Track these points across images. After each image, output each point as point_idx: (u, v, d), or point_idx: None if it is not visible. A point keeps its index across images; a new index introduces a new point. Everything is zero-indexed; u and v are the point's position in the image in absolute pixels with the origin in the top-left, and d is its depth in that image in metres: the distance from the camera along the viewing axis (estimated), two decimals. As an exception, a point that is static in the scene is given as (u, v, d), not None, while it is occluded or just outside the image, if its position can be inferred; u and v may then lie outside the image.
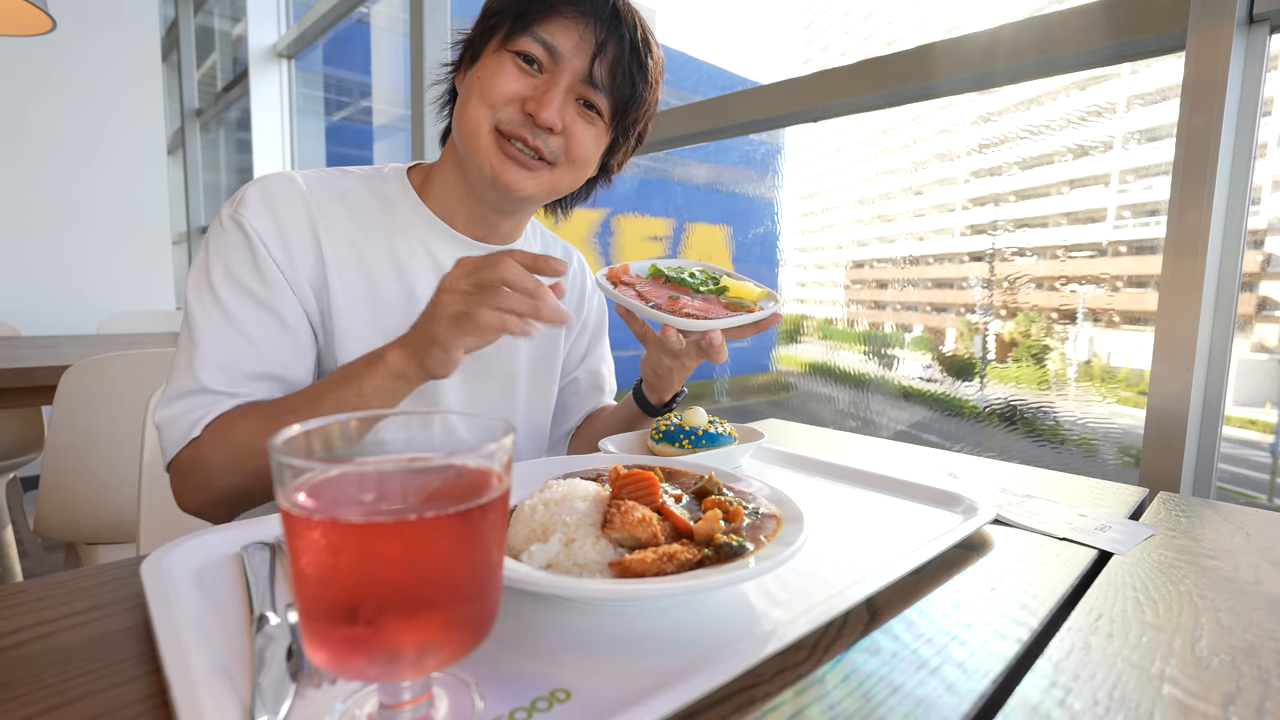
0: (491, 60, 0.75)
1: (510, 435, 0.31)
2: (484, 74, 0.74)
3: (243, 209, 0.73)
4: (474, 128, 0.75)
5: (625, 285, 0.82)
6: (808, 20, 1.98)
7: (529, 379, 0.94)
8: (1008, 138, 1.28)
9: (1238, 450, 0.97)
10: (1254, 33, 0.84)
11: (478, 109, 0.75)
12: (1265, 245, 1.00)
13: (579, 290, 1.03)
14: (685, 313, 0.76)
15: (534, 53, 0.73)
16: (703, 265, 0.89)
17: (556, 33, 0.73)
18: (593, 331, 1.06)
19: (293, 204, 0.75)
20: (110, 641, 0.40)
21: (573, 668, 0.37)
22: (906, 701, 0.35)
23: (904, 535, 0.58)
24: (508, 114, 0.74)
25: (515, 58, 0.74)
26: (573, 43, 0.73)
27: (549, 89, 0.74)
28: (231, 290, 0.72)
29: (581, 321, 1.04)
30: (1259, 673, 0.39)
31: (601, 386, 1.08)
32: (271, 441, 0.28)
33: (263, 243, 0.73)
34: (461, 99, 0.78)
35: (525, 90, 0.74)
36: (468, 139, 0.76)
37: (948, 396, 1.43)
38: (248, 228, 0.72)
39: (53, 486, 1.39)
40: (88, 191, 3.20)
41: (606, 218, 2.20)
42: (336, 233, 0.77)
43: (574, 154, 0.78)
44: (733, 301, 0.81)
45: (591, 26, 0.73)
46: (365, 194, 0.81)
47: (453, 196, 0.84)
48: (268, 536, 0.53)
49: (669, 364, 0.83)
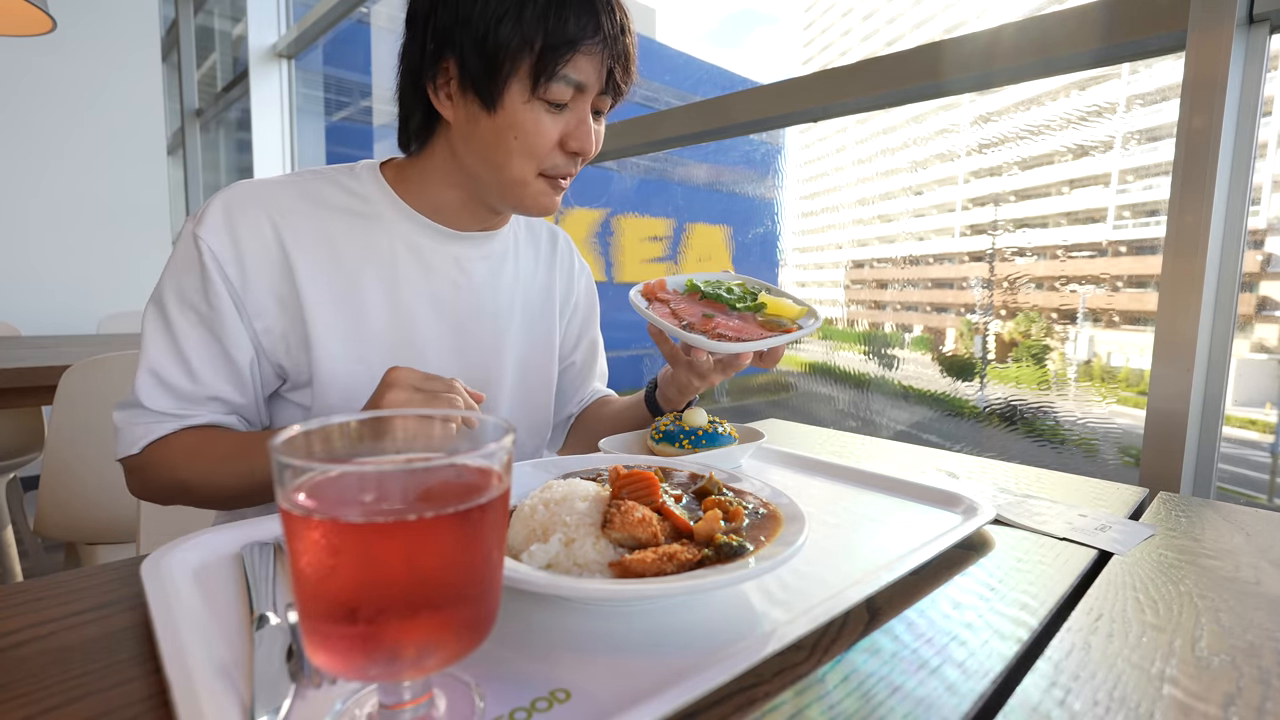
0: (522, 113, 0.72)
1: (510, 435, 0.31)
2: (523, 133, 0.73)
3: (200, 227, 0.72)
4: (523, 181, 0.76)
5: (660, 302, 0.81)
6: (808, 20, 1.98)
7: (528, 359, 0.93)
8: (1008, 138, 1.28)
9: (1238, 450, 0.97)
10: (1254, 33, 0.84)
11: (524, 164, 0.74)
12: (1265, 245, 1.00)
13: (567, 270, 1.02)
14: (717, 333, 0.74)
15: (565, 97, 0.73)
16: (743, 279, 0.87)
17: (582, 68, 0.72)
18: (584, 313, 1.06)
19: (254, 217, 0.74)
20: (110, 641, 0.40)
21: (573, 668, 0.37)
22: (906, 702, 0.35)
23: (904, 535, 0.58)
24: (554, 160, 0.75)
25: (545, 104, 0.73)
26: (594, 71, 0.73)
27: (582, 121, 0.74)
28: (180, 311, 0.73)
29: (573, 303, 1.03)
30: (1259, 673, 0.39)
31: (595, 370, 1.07)
32: (272, 442, 0.28)
33: (217, 264, 0.72)
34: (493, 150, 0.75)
35: (561, 130, 0.74)
36: (515, 190, 0.77)
37: (947, 396, 1.43)
38: (203, 249, 0.72)
39: (53, 486, 1.39)
40: (88, 191, 3.20)
41: (606, 218, 2.20)
42: (306, 237, 0.76)
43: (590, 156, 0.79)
44: (770, 319, 0.79)
45: (608, 50, 0.73)
46: (336, 193, 0.80)
47: (443, 195, 0.82)
48: (268, 536, 0.53)
49: (696, 384, 0.82)
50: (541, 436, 0.98)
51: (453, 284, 0.84)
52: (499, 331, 0.89)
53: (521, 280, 0.93)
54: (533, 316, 0.94)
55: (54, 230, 3.12)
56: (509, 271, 0.91)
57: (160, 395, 0.72)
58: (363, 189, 0.82)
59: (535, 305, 0.95)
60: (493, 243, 0.89)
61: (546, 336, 0.97)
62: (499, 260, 0.90)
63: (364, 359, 0.78)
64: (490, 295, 0.88)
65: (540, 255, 0.98)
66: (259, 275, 0.74)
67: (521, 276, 0.93)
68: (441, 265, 0.84)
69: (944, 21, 1.56)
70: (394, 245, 0.81)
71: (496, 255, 0.89)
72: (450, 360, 0.85)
